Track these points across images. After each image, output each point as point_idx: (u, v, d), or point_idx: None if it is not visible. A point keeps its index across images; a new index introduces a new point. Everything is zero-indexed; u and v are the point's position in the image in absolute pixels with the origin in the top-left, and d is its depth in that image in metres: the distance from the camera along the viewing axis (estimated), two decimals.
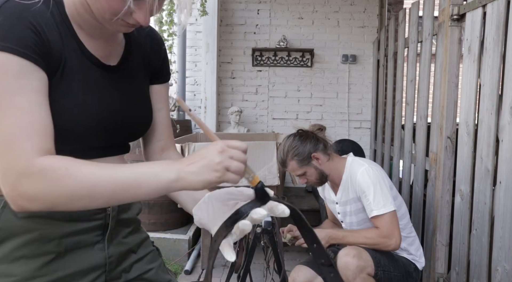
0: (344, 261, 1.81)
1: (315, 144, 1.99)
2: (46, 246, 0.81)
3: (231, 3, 4.33)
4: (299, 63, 4.35)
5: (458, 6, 2.21)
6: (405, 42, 3.14)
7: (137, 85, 0.93)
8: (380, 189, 1.88)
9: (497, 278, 1.78)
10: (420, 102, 2.73)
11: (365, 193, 1.90)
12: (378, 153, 3.99)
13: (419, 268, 2.02)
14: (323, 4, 4.33)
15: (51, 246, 0.81)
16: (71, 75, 0.78)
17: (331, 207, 2.18)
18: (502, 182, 1.76)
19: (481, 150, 1.94)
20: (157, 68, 0.99)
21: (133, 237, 0.96)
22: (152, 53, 0.97)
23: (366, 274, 1.81)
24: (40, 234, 0.80)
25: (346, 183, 2.00)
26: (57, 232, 0.81)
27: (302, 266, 2.02)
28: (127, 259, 0.94)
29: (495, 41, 1.84)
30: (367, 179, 1.90)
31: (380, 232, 1.87)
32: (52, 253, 0.81)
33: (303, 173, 2.01)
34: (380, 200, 1.87)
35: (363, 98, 4.35)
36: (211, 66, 4.02)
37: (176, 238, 3.12)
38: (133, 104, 0.90)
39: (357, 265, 1.79)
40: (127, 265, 0.93)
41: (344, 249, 1.87)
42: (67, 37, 0.79)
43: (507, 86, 1.74)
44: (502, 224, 1.75)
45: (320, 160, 1.99)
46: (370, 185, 1.89)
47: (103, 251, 0.88)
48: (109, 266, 0.89)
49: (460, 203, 2.15)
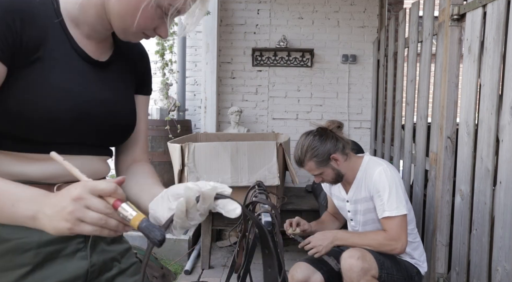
0: (348, 263, 1.80)
1: (334, 144, 1.94)
2: (21, 258, 0.75)
3: (231, 3, 4.33)
4: (299, 63, 4.34)
5: (458, 6, 2.21)
6: (405, 42, 3.14)
7: (124, 86, 0.93)
8: (395, 191, 1.86)
9: (497, 278, 1.78)
10: (420, 102, 2.73)
11: (380, 192, 1.88)
12: (378, 153, 3.98)
13: (422, 272, 2.02)
14: (323, 4, 4.32)
15: (27, 257, 0.75)
16: (52, 62, 0.78)
17: (339, 204, 2.16)
18: (502, 182, 1.75)
19: (481, 150, 1.94)
20: (142, 77, 1.00)
21: (116, 245, 0.92)
22: (139, 61, 0.99)
23: (370, 276, 1.80)
24: (15, 244, 0.74)
25: (360, 181, 1.98)
26: (35, 241, 0.76)
27: (300, 262, 2.02)
28: (111, 269, 0.89)
29: (495, 41, 1.84)
30: (384, 179, 1.88)
31: (387, 234, 1.86)
32: (28, 265, 0.75)
33: (320, 173, 1.99)
34: (394, 202, 1.85)
35: (363, 98, 4.35)
36: (211, 66, 4.02)
37: (176, 238, 3.11)
38: (120, 100, 0.90)
39: (361, 267, 1.78)
40: (110, 275, 0.89)
41: (348, 251, 1.86)
42: (55, 31, 0.80)
43: (507, 86, 1.74)
44: (502, 224, 1.75)
45: (338, 161, 1.96)
46: (386, 185, 1.87)
47: (85, 260, 0.83)
48: (91, 275, 0.84)
49: (460, 203, 2.15)
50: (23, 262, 0.75)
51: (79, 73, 0.83)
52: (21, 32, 0.74)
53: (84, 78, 0.83)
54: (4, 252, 0.74)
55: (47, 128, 0.78)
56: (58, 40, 0.80)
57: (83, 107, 0.81)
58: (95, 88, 0.85)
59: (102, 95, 0.86)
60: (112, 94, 0.88)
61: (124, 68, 0.94)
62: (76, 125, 0.81)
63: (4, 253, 0.74)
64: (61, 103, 0.78)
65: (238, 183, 2.64)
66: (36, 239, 0.76)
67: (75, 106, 0.80)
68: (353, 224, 2.10)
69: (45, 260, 0.77)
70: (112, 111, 0.88)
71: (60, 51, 0.80)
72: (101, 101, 0.85)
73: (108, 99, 0.87)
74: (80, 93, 0.81)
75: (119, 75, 0.92)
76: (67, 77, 0.80)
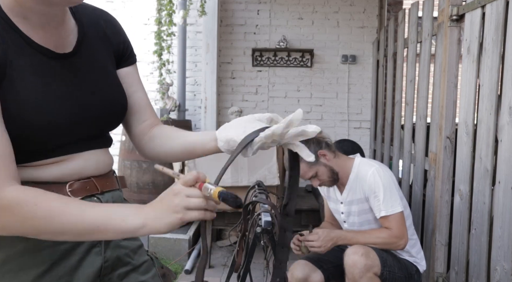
0: (352, 259, 1.82)
1: (317, 143, 2.00)
2: (38, 256, 0.76)
3: (231, 3, 4.34)
4: (299, 64, 4.35)
5: (457, 6, 2.21)
6: (404, 42, 3.14)
7: (101, 68, 0.87)
8: (390, 190, 1.91)
9: (496, 277, 1.78)
10: (420, 102, 2.74)
11: (376, 193, 1.92)
12: (377, 153, 3.99)
13: (420, 270, 2.04)
14: (323, 5, 4.33)
15: (44, 255, 0.77)
16: (23, 74, 0.74)
17: (334, 206, 2.18)
18: (501, 182, 1.76)
19: (480, 150, 1.94)
20: (120, 50, 0.93)
21: (129, 241, 0.93)
22: (111, 35, 0.92)
23: (372, 274, 1.82)
24: (32, 243, 0.75)
25: (354, 183, 2.01)
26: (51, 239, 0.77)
27: (300, 261, 2.02)
28: (124, 265, 0.90)
29: (494, 41, 1.84)
30: (378, 180, 1.92)
31: (392, 232, 1.90)
32: (45, 263, 0.77)
33: (314, 173, 1.99)
34: (390, 201, 1.89)
35: (363, 99, 4.36)
36: (211, 66, 4.02)
37: (176, 237, 3.12)
38: (100, 87, 0.85)
39: (364, 264, 1.80)
40: (122, 272, 0.90)
41: (352, 247, 1.88)
42: (9, 35, 0.73)
43: (506, 86, 1.75)
44: (501, 223, 1.75)
45: (327, 156, 2.00)
46: (380, 185, 1.91)
47: (99, 256, 0.84)
48: (104, 271, 0.85)
49: (459, 202, 2.16)
50: (40, 260, 0.77)
51: (50, 75, 0.77)
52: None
53: (56, 77, 0.78)
54: (22, 251, 0.75)
55: (43, 137, 0.76)
56: (15, 45, 0.73)
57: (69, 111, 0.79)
58: (72, 86, 0.80)
59: (80, 90, 0.81)
60: (90, 83, 0.84)
61: (96, 49, 0.87)
62: (69, 128, 0.79)
63: (22, 252, 0.75)
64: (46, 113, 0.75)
65: (238, 183, 2.65)
66: None
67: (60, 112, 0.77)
68: (347, 226, 2.12)
69: (61, 257, 0.79)
70: (95, 101, 0.84)
71: (23, 59, 0.74)
72: (82, 96, 0.81)
73: (88, 91, 0.83)
74: (60, 97, 0.78)
75: (93, 60, 0.86)
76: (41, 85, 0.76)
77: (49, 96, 0.76)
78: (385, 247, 1.91)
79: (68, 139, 0.80)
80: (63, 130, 0.78)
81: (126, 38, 0.96)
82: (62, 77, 0.79)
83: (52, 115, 0.75)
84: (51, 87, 0.77)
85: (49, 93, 0.76)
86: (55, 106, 0.76)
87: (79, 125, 0.81)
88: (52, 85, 0.77)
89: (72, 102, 0.79)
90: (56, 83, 0.78)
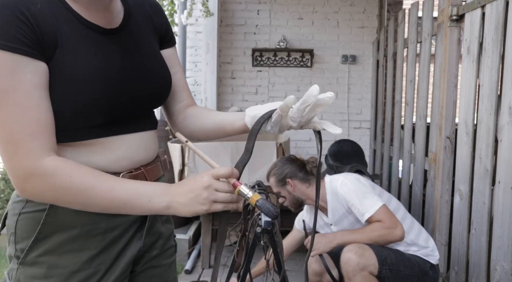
0: (346, 256, 1.84)
1: (295, 170, 2.08)
2: (90, 241, 0.83)
3: (231, 3, 4.34)
4: (299, 64, 4.35)
5: (457, 6, 2.21)
6: (404, 42, 3.14)
7: (146, 45, 0.91)
8: (362, 193, 1.95)
9: (496, 277, 1.78)
10: (420, 103, 2.74)
11: (351, 201, 1.96)
12: (377, 153, 4.00)
13: (434, 263, 2.00)
14: (322, 5, 4.33)
15: (96, 241, 0.83)
16: (74, 45, 0.77)
17: (325, 231, 2.15)
18: (501, 182, 1.76)
19: (480, 150, 1.95)
20: (162, 31, 0.98)
21: (169, 225, 1.01)
22: (154, 15, 0.96)
23: (367, 272, 1.82)
24: (86, 230, 0.82)
25: (332, 201, 2.05)
26: (103, 227, 0.84)
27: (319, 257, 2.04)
28: (156, 249, 0.97)
29: (494, 41, 1.85)
30: (346, 189, 1.97)
31: (383, 223, 1.90)
32: (96, 248, 0.84)
33: (278, 192, 2.12)
34: (367, 202, 1.92)
35: (363, 99, 4.36)
36: (211, 66, 4.02)
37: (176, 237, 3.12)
38: (147, 63, 0.89)
39: (357, 262, 1.80)
40: (152, 255, 0.97)
41: (349, 246, 1.89)
42: (62, 12, 0.77)
43: (506, 86, 1.75)
44: (501, 223, 1.75)
45: (294, 187, 2.07)
46: (352, 192, 1.96)
47: (140, 240, 0.91)
48: (139, 253, 0.92)
49: (459, 202, 2.16)
50: (92, 245, 0.83)
51: (99, 48, 0.80)
52: (35, 23, 0.72)
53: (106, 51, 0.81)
54: (78, 235, 0.82)
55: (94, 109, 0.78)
56: (67, 21, 0.77)
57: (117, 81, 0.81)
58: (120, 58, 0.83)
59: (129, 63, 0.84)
60: (137, 57, 0.87)
61: (141, 28, 0.91)
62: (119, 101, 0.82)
63: (78, 236, 0.82)
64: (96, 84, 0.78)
65: None
66: (103, 225, 0.84)
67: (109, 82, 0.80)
68: None
69: (110, 244, 0.85)
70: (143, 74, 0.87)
71: (74, 32, 0.77)
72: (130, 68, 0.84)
73: (135, 64, 0.86)
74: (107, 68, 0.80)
75: (139, 37, 0.89)
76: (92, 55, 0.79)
77: (100, 68, 0.79)
78: (382, 239, 1.89)
79: (119, 114, 0.83)
80: (114, 103, 0.81)
81: (167, 20, 1.01)
82: (111, 52, 0.82)
83: (103, 87, 0.79)
84: (101, 60, 0.80)
85: (99, 65, 0.79)
86: (107, 78, 0.79)
87: (129, 99, 0.84)
88: (102, 58, 0.80)
89: (122, 75, 0.82)
90: (106, 57, 0.81)
